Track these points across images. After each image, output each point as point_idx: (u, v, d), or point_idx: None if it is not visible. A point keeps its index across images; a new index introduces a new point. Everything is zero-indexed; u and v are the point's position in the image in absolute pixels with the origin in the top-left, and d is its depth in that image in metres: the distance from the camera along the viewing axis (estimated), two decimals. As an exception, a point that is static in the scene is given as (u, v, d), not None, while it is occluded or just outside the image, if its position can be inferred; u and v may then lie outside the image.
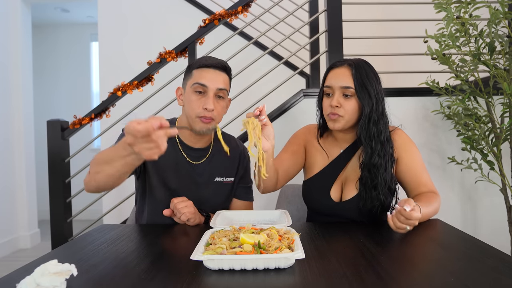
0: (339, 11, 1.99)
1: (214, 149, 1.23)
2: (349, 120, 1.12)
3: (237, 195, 1.28)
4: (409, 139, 1.19)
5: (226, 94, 1.16)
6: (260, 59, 2.10)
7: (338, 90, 1.11)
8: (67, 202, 2.06)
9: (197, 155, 1.20)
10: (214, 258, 0.67)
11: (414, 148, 1.18)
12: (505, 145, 1.81)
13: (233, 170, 1.25)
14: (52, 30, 4.58)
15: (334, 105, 1.10)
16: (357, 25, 2.27)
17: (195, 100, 1.11)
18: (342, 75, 1.11)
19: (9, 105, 3.15)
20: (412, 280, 0.63)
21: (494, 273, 0.66)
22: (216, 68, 1.13)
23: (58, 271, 0.59)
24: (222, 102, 1.16)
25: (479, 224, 2.04)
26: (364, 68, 1.12)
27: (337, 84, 1.11)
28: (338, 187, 1.18)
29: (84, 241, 0.93)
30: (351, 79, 1.10)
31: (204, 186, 1.19)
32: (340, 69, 1.13)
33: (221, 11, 2.03)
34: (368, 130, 1.09)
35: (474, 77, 1.77)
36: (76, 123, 2.03)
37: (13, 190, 3.17)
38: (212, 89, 1.11)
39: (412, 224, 0.91)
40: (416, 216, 0.89)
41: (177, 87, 1.21)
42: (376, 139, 1.09)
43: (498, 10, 1.58)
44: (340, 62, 1.15)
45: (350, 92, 1.10)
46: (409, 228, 0.91)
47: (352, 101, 1.10)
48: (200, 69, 1.13)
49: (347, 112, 1.11)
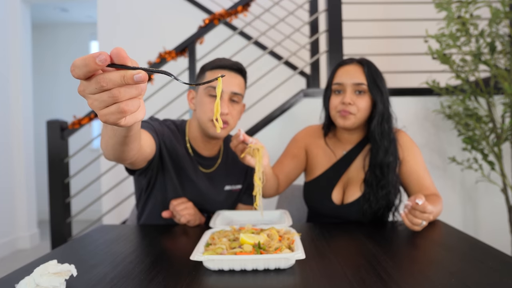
0: (339, 11, 1.99)
1: (224, 157, 1.21)
2: (361, 117, 1.11)
3: (243, 200, 1.26)
4: (412, 141, 1.18)
5: (240, 99, 1.09)
6: (260, 59, 2.10)
7: (350, 87, 1.10)
8: (67, 202, 2.06)
9: (208, 163, 1.17)
10: (214, 259, 0.67)
11: (417, 151, 1.17)
12: (506, 145, 1.81)
13: (241, 178, 1.23)
14: (51, 30, 4.57)
15: (347, 102, 1.09)
16: (357, 24, 2.27)
17: (208, 103, 1.05)
18: (354, 72, 1.10)
19: (8, 105, 3.15)
20: (413, 281, 0.63)
21: (495, 274, 0.66)
22: (231, 70, 1.06)
23: (58, 271, 0.59)
24: (237, 107, 1.09)
25: (479, 225, 2.03)
26: (374, 66, 1.12)
27: (349, 81, 1.10)
28: (340, 189, 1.17)
29: (83, 242, 0.93)
30: (363, 76, 1.09)
31: (214, 194, 1.16)
32: (351, 66, 1.12)
33: (221, 11, 2.03)
34: (381, 128, 1.09)
35: (475, 77, 1.77)
36: (75, 123, 2.03)
37: (12, 190, 3.17)
38: (227, 92, 1.05)
39: (427, 218, 0.91)
40: (430, 209, 0.90)
41: (189, 90, 1.16)
42: (388, 138, 1.09)
43: (499, 10, 1.58)
44: (349, 60, 1.14)
45: (363, 89, 1.09)
46: (425, 223, 0.91)
47: (365, 98, 1.10)
48: (214, 71, 1.07)
49: (359, 110, 1.09)
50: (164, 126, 1.12)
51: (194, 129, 1.14)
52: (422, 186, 1.12)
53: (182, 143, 1.14)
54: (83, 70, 0.42)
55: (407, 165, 1.14)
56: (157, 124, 1.11)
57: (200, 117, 1.08)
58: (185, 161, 1.12)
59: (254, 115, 2.13)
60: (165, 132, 1.10)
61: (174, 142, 1.11)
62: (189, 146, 1.15)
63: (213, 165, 1.18)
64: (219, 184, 1.18)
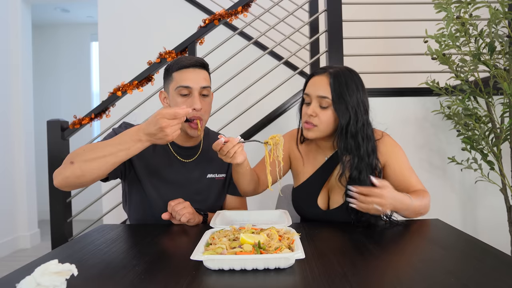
0: (339, 11, 1.99)
1: (204, 146, 1.24)
2: (324, 130, 1.09)
3: (230, 191, 1.29)
4: (394, 145, 1.15)
5: (209, 91, 1.16)
6: (260, 59, 2.10)
7: (315, 99, 1.08)
8: (67, 202, 2.06)
9: (188, 154, 1.21)
10: (214, 258, 0.67)
11: (399, 152, 1.14)
12: (505, 145, 1.81)
13: (224, 167, 1.27)
14: (52, 30, 4.58)
15: (309, 113, 1.08)
16: (357, 25, 2.27)
17: (181, 102, 1.11)
18: (319, 84, 1.08)
19: (9, 105, 3.15)
20: (412, 280, 0.63)
21: (494, 273, 0.66)
22: (195, 67, 1.13)
23: (59, 271, 0.59)
24: (208, 99, 1.16)
25: (479, 224, 2.04)
26: (345, 77, 1.06)
27: (314, 93, 1.08)
28: (325, 195, 1.17)
29: (84, 241, 0.93)
30: (328, 89, 1.06)
31: (196, 182, 1.20)
32: (320, 77, 1.09)
33: (221, 11, 2.03)
34: (345, 143, 1.06)
35: (474, 77, 1.78)
36: (76, 123, 2.03)
37: (13, 190, 3.17)
38: (197, 89, 1.11)
39: (378, 202, 0.92)
40: (378, 193, 0.92)
41: (160, 91, 1.21)
42: (354, 153, 1.05)
43: (498, 10, 1.59)
44: (321, 70, 1.11)
45: (326, 103, 1.06)
46: (379, 208, 0.93)
47: (328, 112, 1.07)
48: (180, 72, 1.12)
49: (321, 123, 1.07)
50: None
51: None
52: (409, 186, 1.10)
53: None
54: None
55: (390, 169, 1.12)
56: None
57: None
58: (161, 157, 1.17)
59: (254, 115, 2.13)
60: None
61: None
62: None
63: (194, 154, 1.22)
64: (201, 172, 1.22)
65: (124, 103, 2.16)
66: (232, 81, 2.05)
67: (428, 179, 2.02)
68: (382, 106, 1.97)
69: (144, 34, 3.10)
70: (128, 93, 2.04)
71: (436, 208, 2.02)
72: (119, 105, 2.14)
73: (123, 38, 3.11)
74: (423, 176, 2.01)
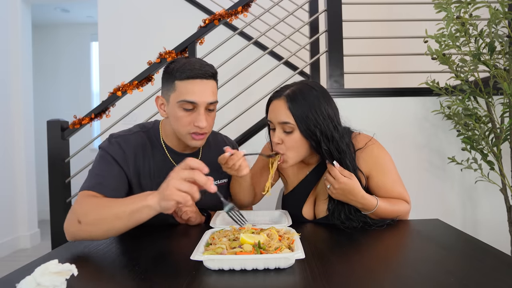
0: (339, 11, 1.99)
1: (203, 153, 1.19)
2: (296, 155, 1.04)
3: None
4: (378, 154, 1.09)
5: (215, 105, 1.06)
6: (260, 59, 2.10)
7: (277, 125, 1.03)
8: (67, 202, 2.06)
9: None
10: (214, 258, 0.67)
11: (384, 162, 1.09)
12: (505, 145, 1.81)
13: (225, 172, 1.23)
14: (52, 30, 4.58)
15: (275, 142, 1.03)
16: (357, 25, 2.27)
17: (184, 117, 1.00)
18: (278, 109, 1.02)
19: (9, 105, 3.15)
20: (412, 280, 0.63)
21: (494, 273, 0.66)
22: (203, 78, 0.99)
23: (59, 271, 0.59)
24: (213, 114, 1.06)
25: (479, 224, 2.04)
26: (303, 96, 1.00)
27: (275, 119, 1.02)
28: (310, 205, 1.16)
29: (84, 241, 0.93)
30: (288, 113, 0.99)
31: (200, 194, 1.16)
32: (277, 101, 1.03)
33: (221, 11, 2.03)
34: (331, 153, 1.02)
35: (474, 77, 1.77)
36: (76, 123, 2.03)
37: (13, 190, 3.17)
38: (203, 105, 1.00)
39: (331, 182, 0.98)
40: (337, 175, 0.97)
41: (156, 96, 1.10)
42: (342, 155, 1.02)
43: (498, 10, 1.58)
44: (277, 93, 1.05)
45: (289, 128, 1.01)
46: (328, 186, 1.00)
47: (294, 136, 1.01)
48: (185, 82, 0.98)
49: (289, 149, 1.03)
50: (126, 147, 1.06)
51: (169, 132, 1.10)
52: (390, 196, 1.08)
53: (156, 149, 1.11)
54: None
55: (373, 181, 1.08)
56: (119, 153, 1.04)
57: (178, 129, 1.04)
58: (160, 168, 1.09)
59: (254, 116, 2.13)
60: (128, 156, 1.05)
61: (140, 158, 1.07)
62: (165, 147, 1.11)
63: None
64: None
65: (124, 103, 2.16)
66: (232, 81, 2.05)
67: (428, 179, 2.02)
68: (382, 106, 1.97)
69: (144, 34, 3.10)
70: (128, 93, 2.04)
71: (436, 208, 2.03)
72: (119, 105, 2.14)
73: (123, 38, 3.12)
74: (423, 176, 2.02)
